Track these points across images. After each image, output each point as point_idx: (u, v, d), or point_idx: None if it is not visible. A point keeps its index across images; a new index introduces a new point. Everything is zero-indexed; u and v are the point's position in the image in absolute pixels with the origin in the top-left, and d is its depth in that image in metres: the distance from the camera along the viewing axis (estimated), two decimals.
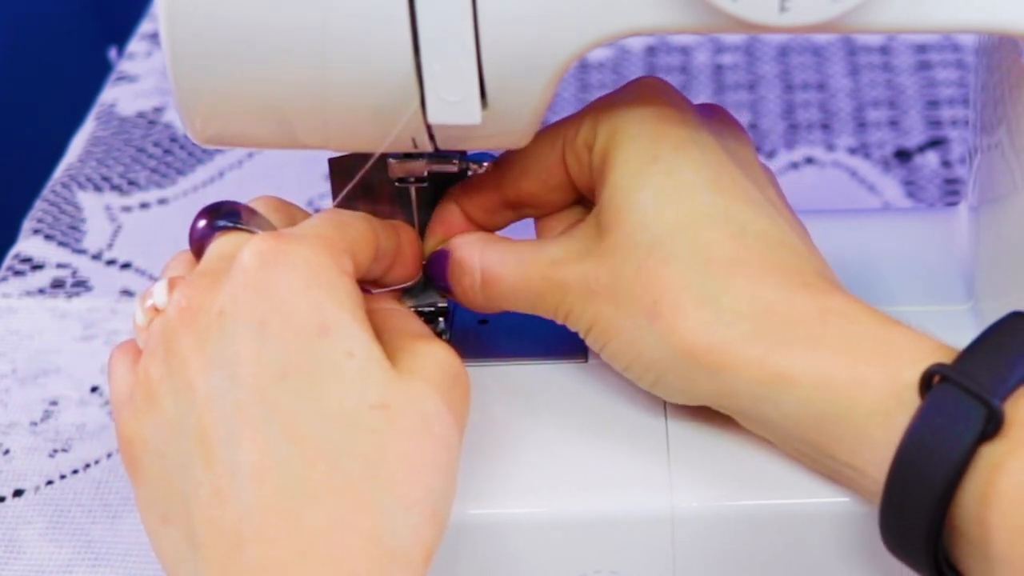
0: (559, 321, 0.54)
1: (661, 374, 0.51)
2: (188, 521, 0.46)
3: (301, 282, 0.47)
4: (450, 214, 0.57)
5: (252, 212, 0.53)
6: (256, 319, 0.47)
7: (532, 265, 0.53)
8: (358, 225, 0.51)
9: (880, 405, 0.47)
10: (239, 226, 0.52)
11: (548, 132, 0.54)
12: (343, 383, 0.46)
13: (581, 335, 0.53)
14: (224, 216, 0.52)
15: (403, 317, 0.52)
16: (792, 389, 0.48)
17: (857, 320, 0.49)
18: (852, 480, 0.49)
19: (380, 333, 0.49)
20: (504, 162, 0.55)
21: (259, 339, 0.46)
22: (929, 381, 0.46)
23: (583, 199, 0.56)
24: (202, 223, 0.52)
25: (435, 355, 0.49)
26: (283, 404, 0.46)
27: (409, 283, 0.56)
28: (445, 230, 0.56)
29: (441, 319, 0.59)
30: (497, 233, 0.56)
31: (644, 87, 0.54)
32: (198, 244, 0.52)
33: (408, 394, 0.47)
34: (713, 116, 0.55)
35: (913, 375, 0.46)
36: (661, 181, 0.51)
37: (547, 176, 0.55)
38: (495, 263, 0.54)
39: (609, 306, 0.51)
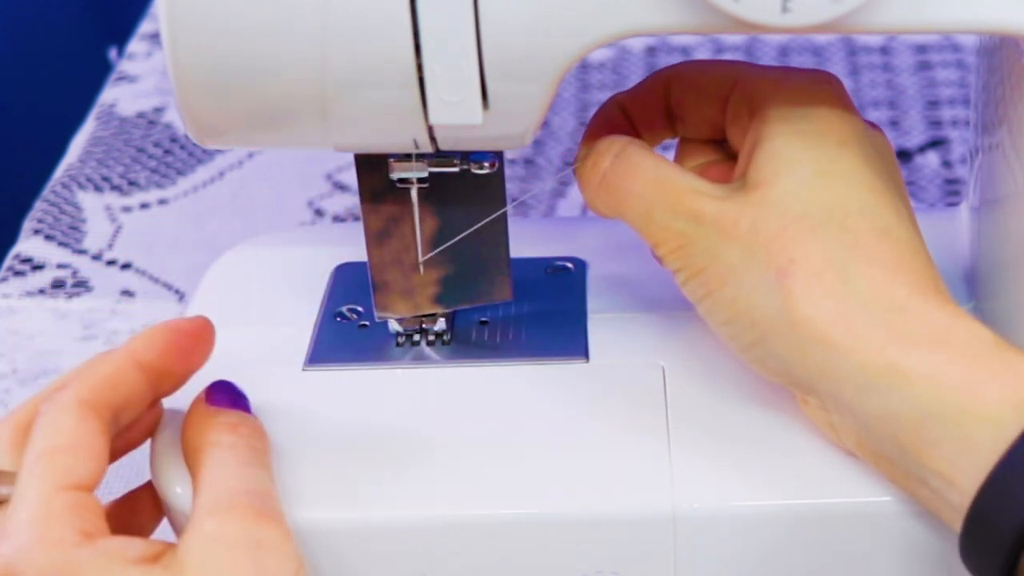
0: (661, 251, 0.52)
1: (764, 336, 0.50)
2: None
3: None
4: (612, 113, 0.56)
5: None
6: None
7: (671, 181, 0.52)
8: (73, 441, 0.48)
9: (993, 414, 0.46)
10: None
11: (721, 70, 0.54)
12: None
13: (682, 276, 0.52)
14: None
15: (215, 478, 0.49)
16: (904, 385, 0.47)
17: (981, 335, 0.48)
18: (933, 492, 0.48)
19: (195, 491, 0.49)
20: (676, 72, 0.55)
21: None
22: None
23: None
24: None
25: (198, 543, 0.47)
26: None
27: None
28: (604, 128, 0.56)
29: (442, 319, 0.59)
30: None
31: (825, 83, 0.53)
32: None
33: None
34: (877, 132, 0.55)
35: None
36: (824, 164, 0.51)
37: (704, 106, 0.55)
38: (633, 161, 0.53)
39: (736, 251, 0.50)
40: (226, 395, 0.53)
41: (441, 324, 0.59)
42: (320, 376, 0.57)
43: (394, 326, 0.59)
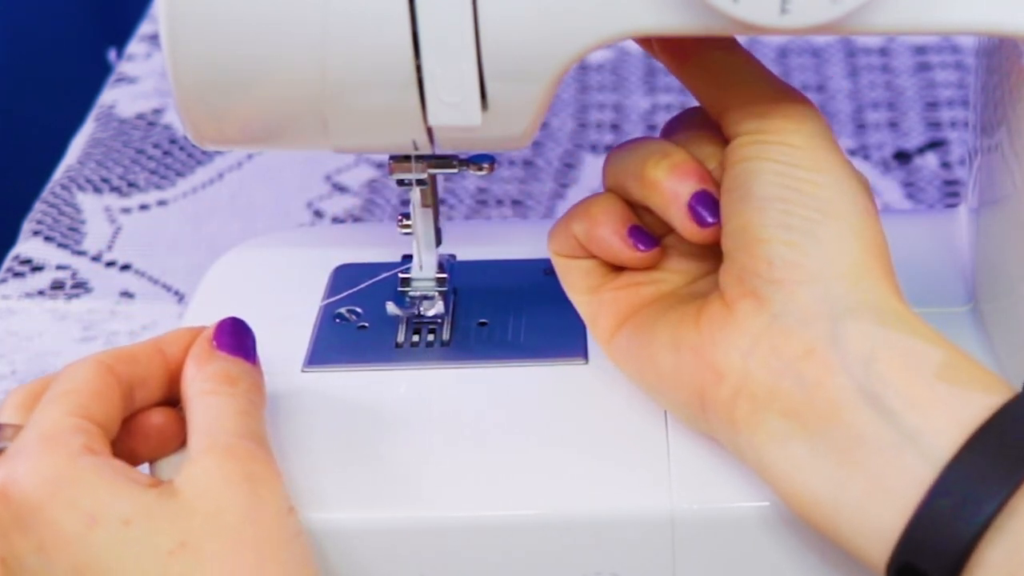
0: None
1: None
2: None
3: (46, 493, 0.47)
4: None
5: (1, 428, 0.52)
6: (34, 547, 0.47)
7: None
8: (89, 387, 0.51)
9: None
10: None
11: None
12: (135, 551, 0.47)
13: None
14: None
15: (213, 421, 0.51)
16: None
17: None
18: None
19: (190, 432, 0.51)
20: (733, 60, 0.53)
21: (48, 565, 0.47)
22: None
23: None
24: None
25: (195, 475, 0.49)
26: None
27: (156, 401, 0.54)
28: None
29: (439, 303, 0.59)
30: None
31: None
32: None
33: (199, 520, 0.48)
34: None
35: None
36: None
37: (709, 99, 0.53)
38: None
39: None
40: (232, 338, 0.53)
41: (439, 308, 0.59)
42: (319, 377, 0.57)
43: (392, 310, 0.59)
